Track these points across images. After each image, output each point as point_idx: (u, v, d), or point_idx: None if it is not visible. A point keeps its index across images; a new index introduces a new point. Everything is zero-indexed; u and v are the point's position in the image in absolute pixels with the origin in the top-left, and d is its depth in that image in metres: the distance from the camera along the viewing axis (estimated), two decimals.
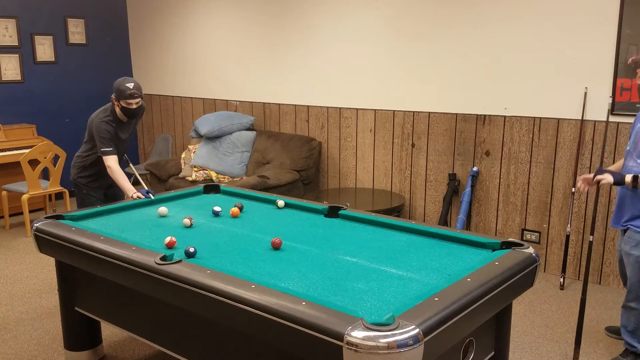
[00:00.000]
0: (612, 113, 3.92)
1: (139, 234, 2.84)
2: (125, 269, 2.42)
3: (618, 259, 3.21)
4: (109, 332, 3.45)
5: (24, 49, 6.28)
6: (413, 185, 4.98)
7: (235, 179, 5.43)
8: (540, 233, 4.37)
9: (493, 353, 2.44)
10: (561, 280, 4.13)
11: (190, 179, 5.48)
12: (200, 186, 3.80)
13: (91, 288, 2.90)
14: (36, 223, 2.92)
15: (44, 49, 6.44)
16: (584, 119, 4.04)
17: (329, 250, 2.57)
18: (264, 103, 5.96)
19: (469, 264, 2.37)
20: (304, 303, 1.88)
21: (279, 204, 3.36)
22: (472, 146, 4.59)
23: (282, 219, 3.13)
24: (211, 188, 3.79)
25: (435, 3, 4.59)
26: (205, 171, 5.51)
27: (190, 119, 6.74)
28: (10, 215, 5.88)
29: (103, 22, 6.96)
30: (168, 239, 2.59)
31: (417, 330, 1.72)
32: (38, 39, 6.37)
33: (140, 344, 3.36)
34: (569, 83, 4.07)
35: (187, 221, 2.94)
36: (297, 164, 5.27)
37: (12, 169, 5.75)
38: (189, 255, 2.42)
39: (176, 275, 2.21)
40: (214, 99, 6.44)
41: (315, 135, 5.58)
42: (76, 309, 3.00)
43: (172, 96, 6.93)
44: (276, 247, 2.59)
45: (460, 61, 4.54)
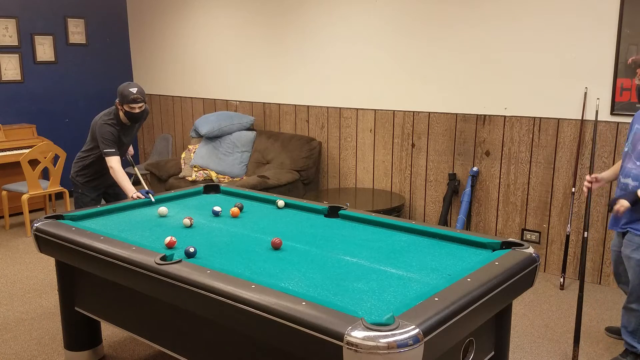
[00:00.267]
0: (612, 113, 3.92)
1: (139, 234, 2.84)
2: (125, 269, 2.42)
3: (612, 259, 3.20)
4: (109, 332, 3.45)
5: (24, 49, 6.28)
6: (413, 185, 4.98)
7: (235, 179, 5.43)
8: (540, 233, 4.37)
9: (493, 353, 2.44)
10: (561, 280, 4.13)
11: (190, 179, 5.48)
12: (200, 186, 3.80)
13: (91, 288, 2.90)
14: (36, 223, 2.92)
15: (44, 49, 6.44)
16: (584, 119, 4.04)
17: (329, 250, 2.57)
18: (264, 103, 5.96)
19: (469, 264, 2.37)
20: (304, 303, 1.88)
21: (279, 204, 3.36)
22: (472, 146, 4.59)
23: (282, 219, 3.13)
24: (211, 188, 3.79)
25: (435, 3, 4.59)
26: (205, 171, 5.51)
27: (190, 119, 6.74)
28: (10, 215, 5.88)
29: (103, 22, 6.96)
30: (168, 239, 2.59)
31: (417, 330, 1.72)
32: (38, 39, 6.37)
33: (140, 344, 3.36)
34: (569, 83, 4.07)
35: (187, 221, 2.95)
36: (297, 164, 5.27)
37: (12, 169, 5.75)
38: (189, 255, 2.42)
39: (176, 275, 2.21)
40: (214, 99, 6.44)
41: (315, 135, 5.58)
42: (76, 309, 3.00)
43: (172, 96, 6.93)
44: (276, 247, 2.59)
45: (461, 61, 4.54)
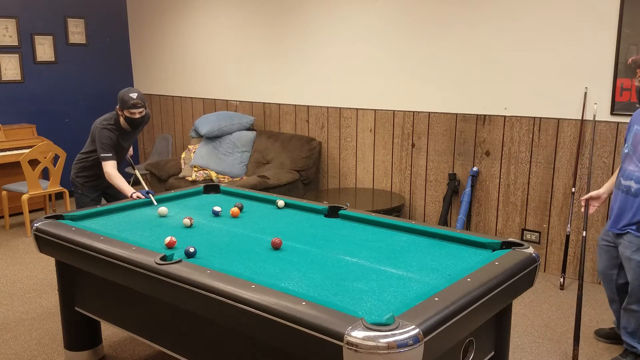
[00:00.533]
0: (612, 113, 3.92)
1: (139, 234, 2.84)
2: (125, 269, 2.42)
3: (602, 253, 3.14)
4: (109, 332, 3.45)
5: (24, 49, 6.28)
6: (413, 185, 4.98)
7: (235, 179, 5.43)
8: (540, 233, 4.37)
9: (493, 353, 2.44)
10: (561, 280, 4.13)
11: (190, 179, 5.48)
12: (200, 186, 3.80)
13: (91, 288, 2.90)
14: (36, 223, 2.92)
15: (44, 49, 6.44)
16: (584, 119, 4.04)
17: (329, 250, 2.57)
18: (264, 103, 5.96)
19: (469, 264, 2.37)
20: (304, 303, 1.88)
21: (279, 204, 3.36)
22: (472, 146, 4.59)
23: (282, 219, 3.13)
24: (211, 188, 3.79)
25: (435, 3, 4.59)
26: (205, 171, 5.51)
27: (190, 119, 6.74)
28: (10, 215, 5.88)
29: (103, 22, 6.96)
30: (168, 239, 2.59)
31: (417, 330, 1.72)
32: (38, 39, 6.37)
33: (140, 344, 3.36)
34: (569, 83, 4.07)
35: (187, 221, 2.95)
36: (297, 164, 5.27)
37: (12, 169, 5.75)
38: (189, 255, 2.42)
39: (176, 275, 2.21)
40: (214, 99, 6.44)
41: (315, 135, 5.58)
42: (76, 309, 3.00)
43: (172, 96, 6.93)
44: (276, 247, 2.59)
45: (461, 61, 4.54)
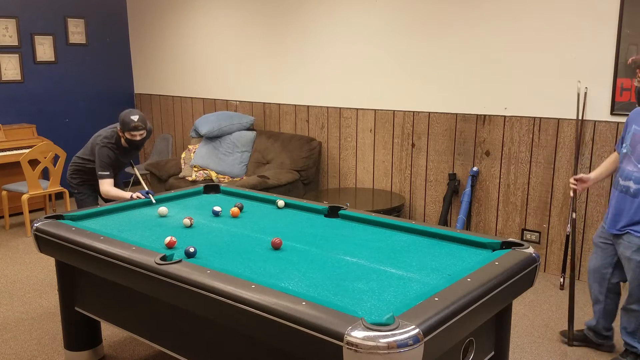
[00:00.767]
0: (612, 113, 3.92)
1: (139, 234, 2.84)
2: (125, 269, 2.42)
3: (594, 251, 3.12)
4: (109, 332, 3.45)
5: (24, 49, 6.28)
6: (413, 185, 4.98)
7: (235, 179, 5.43)
8: (540, 233, 4.37)
9: (493, 353, 2.44)
10: (561, 280, 4.13)
11: (190, 179, 5.48)
12: (200, 186, 3.80)
13: (91, 288, 2.90)
14: (36, 223, 2.92)
15: (44, 49, 6.44)
16: (584, 119, 4.04)
17: (329, 250, 2.57)
18: (264, 103, 5.96)
19: (469, 264, 2.37)
20: (304, 303, 1.88)
21: (279, 204, 3.36)
22: (472, 146, 4.59)
23: (282, 219, 3.13)
24: (211, 188, 3.79)
25: (435, 3, 4.59)
26: (205, 171, 5.51)
27: (190, 119, 6.74)
28: (10, 215, 5.88)
29: (103, 22, 6.96)
30: (168, 239, 2.59)
31: (417, 330, 1.72)
32: (38, 39, 6.37)
33: (140, 344, 3.36)
34: (569, 83, 4.07)
35: (187, 221, 2.95)
36: (297, 164, 5.27)
37: (12, 169, 5.75)
38: (189, 255, 2.42)
39: (176, 275, 2.21)
40: (214, 99, 6.44)
41: (315, 135, 5.58)
42: (76, 309, 3.00)
43: (172, 96, 6.93)
44: (276, 247, 2.59)
45: (461, 61, 4.54)
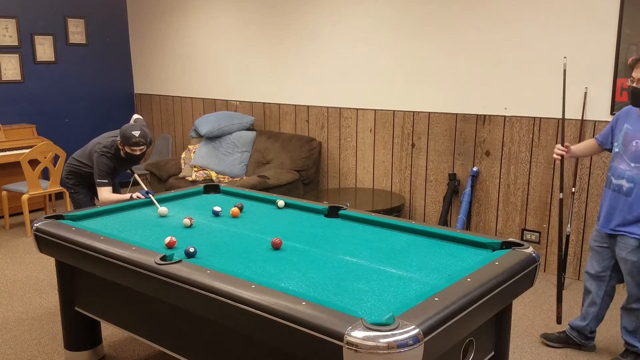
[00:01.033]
0: (612, 113, 3.91)
1: (139, 234, 2.84)
2: (125, 269, 2.42)
3: (591, 256, 3.14)
4: (109, 332, 3.45)
5: (24, 49, 6.28)
6: (413, 185, 4.98)
7: (235, 179, 5.43)
8: (540, 233, 4.37)
9: (493, 353, 2.44)
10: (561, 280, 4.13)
11: (190, 179, 5.48)
12: (200, 186, 3.80)
13: (91, 288, 2.90)
14: (36, 223, 2.92)
15: (44, 49, 6.44)
16: (584, 119, 4.04)
17: (329, 250, 2.57)
18: (264, 103, 5.96)
19: (469, 264, 2.37)
20: (304, 303, 1.88)
21: (279, 204, 3.36)
22: (472, 146, 4.59)
23: (282, 219, 3.13)
24: (211, 188, 3.79)
25: (435, 3, 4.60)
26: (205, 171, 5.51)
27: (190, 119, 6.74)
28: (10, 215, 5.88)
29: (103, 22, 6.96)
30: (168, 239, 2.59)
31: (417, 330, 1.72)
32: (38, 39, 6.37)
33: (140, 344, 3.36)
34: (569, 83, 4.07)
35: (187, 221, 2.95)
36: (297, 164, 5.27)
37: (12, 169, 5.75)
38: (189, 255, 2.42)
39: (176, 275, 2.21)
40: (214, 99, 6.44)
41: (315, 135, 5.58)
42: (76, 309, 3.00)
43: (172, 96, 6.93)
44: (276, 247, 2.59)
45: (461, 61, 4.54)
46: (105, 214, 3.20)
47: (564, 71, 3.81)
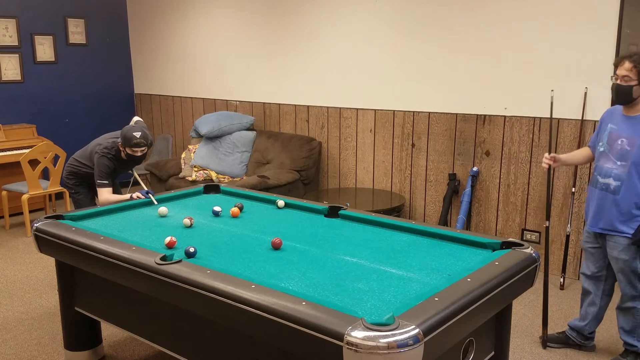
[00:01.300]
0: None
1: (139, 234, 2.84)
2: (125, 269, 2.42)
3: (585, 257, 3.15)
4: (109, 332, 3.45)
5: (24, 49, 6.28)
6: (413, 185, 4.98)
7: (235, 179, 5.43)
8: (540, 233, 4.37)
9: (493, 353, 2.44)
10: (561, 280, 4.13)
11: (190, 179, 5.48)
12: (200, 186, 3.80)
13: (91, 288, 2.90)
14: (36, 223, 2.92)
15: (44, 49, 6.44)
16: (584, 119, 4.04)
17: (329, 250, 2.57)
18: (264, 103, 5.96)
19: (469, 264, 2.37)
20: (304, 303, 1.88)
21: (279, 204, 3.36)
22: (472, 146, 4.59)
23: (282, 219, 3.13)
24: (211, 188, 3.79)
25: (435, 3, 4.59)
26: (205, 171, 5.51)
27: (190, 119, 6.74)
28: (10, 215, 5.87)
29: (103, 22, 6.96)
30: (168, 239, 2.59)
31: (417, 330, 1.72)
32: (38, 39, 6.37)
33: (140, 344, 3.36)
34: (569, 83, 4.07)
35: (187, 221, 2.95)
36: (297, 164, 5.27)
37: (12, 169, 5.75)
38: (189, 255, 2.42)
39: (176, 275, 2.21)
40: (214, 99, 6.44)
41: (315, 135, 5.58)
42: (76, 309, 3.00)
43: (172, 96, 6.93)
44: (276, 247, 2.59)
45: (461, 61, 4.54)
46: (105, 214, 3.20)
47: (551, 104, 3.86)
